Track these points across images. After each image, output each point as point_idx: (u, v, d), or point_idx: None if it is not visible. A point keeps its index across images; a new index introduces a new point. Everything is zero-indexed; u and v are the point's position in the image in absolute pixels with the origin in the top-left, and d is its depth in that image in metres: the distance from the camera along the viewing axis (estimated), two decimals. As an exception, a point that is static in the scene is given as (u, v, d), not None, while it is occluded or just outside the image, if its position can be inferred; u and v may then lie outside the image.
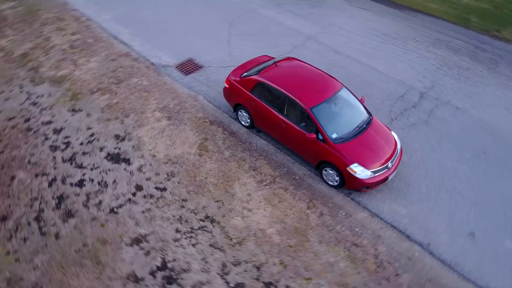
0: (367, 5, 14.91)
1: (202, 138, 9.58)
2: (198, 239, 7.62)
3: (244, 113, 9.66)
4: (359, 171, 8.01)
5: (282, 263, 7.36)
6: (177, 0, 14.57)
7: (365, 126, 8.62)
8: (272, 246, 7.60)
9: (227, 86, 9.77)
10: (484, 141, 9.77)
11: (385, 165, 8.21)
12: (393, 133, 8.89)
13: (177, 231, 7.74)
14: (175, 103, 10.49)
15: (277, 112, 8.85)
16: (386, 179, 8.30)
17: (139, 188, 8.44)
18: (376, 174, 8.11)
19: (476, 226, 8.03)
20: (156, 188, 8.46)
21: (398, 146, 8.64)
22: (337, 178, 8.42)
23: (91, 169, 8.71)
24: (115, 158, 8.99)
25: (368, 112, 8.96)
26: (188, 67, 11.74)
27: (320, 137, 8.28)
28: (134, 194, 8.31)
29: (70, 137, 9.41)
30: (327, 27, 13.61)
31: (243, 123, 9.91)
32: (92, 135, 9.48)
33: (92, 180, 8.50)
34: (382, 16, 14.23)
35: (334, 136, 8.28)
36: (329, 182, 8.65)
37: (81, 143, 9.26)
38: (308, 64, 9.58)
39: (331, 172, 8.42)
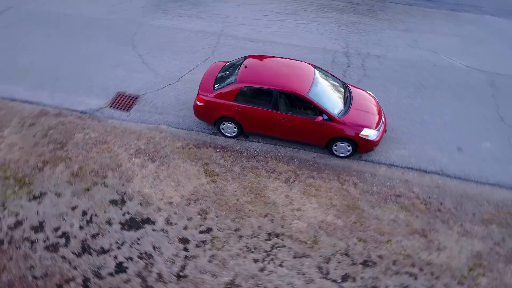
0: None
1: (202, 165, 8.93)
2: (279, 258, 7.36)
3: (229, 124, 9.32)
4: (370, 134, 8.75)
5: (361, 240, 7.72)
6: (52, 40, 12.49)
7: (348, 94, 9.33)
8: (342, 230, 7.86)
9: (201, 104, 9.20)
10: (414, 75, 11.59)
11: (382, 120, 9.14)
12: (368, 91, 9.84)
13: (255, 261, 7.31)
14: (144, 143, 9.40)
15: (272, 110, 8.84)
16: (385, 131, 9.26)
17: (185, 241, 7.55)
18: (380, 131, 8.98)
19: (457, 141, 9.68)
20: (201, 232, 7.70)
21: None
22: (349, 148, 9.01)
23: (118, 248, 7.36)
24: (133, 224, 7.75)
25: (341, 81, 9.68)
26: (123, 102, 10.50)
27: (325, 117, 8.67)
28: (186, 249, 7.41)
29: (61, 227, 7.65)
30: (227, 20, 13.67)
31: (228, 134, 9.56)
32: (84, 213, 7.89)
33: (131, 258, 7.22)
34: (283, 2, 14.89)
35: (336, 112, 8.78)
36: (341, 155, 9.18)
37: (81, 227, 7.65)
38: (271, 56, 9.69)
39: (342, 144, 8.96)
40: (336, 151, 9.13)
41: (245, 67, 9.11)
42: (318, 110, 8.65)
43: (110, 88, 10.85)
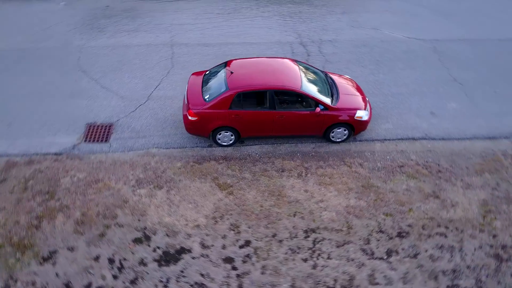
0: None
1: (212, 180, 8.66)
2: (325, 251, 7.49)
3: (226, 133, 9.13)
4: (363, 114, 9.21)
5: (387, 214, 8.16)
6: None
7: (331, 81, 9.68)
8: (367, 210, 8.22)
9: (194, 119, 8.85)
10: (368, 53, 12.35)
11: (366, 99, 9.66)
12: (344, 75, 10.29)
13: (305, 260, 7.35)
14: (141, 171, 8.82)
15: (269, 110, 8.84)
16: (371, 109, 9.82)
17: (229, 260, 7.30)
18: (368, 110, 9.50)
19: (427, 107, 10.58)
20: (241, 246, 7.51)
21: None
22: (345, 132, 9.39)
23: (165, 286, 6.88)
24: (169, 257, 7.27)
25: (320, 70, 10.00)
26: (98, 133, 9.70)
27: (321, 107, 8.92)
28: (234, 268, 7.18)
29: (92, 282, 6.91)
30: (172, 29, 13.22)
31: (225, 143, 9.36)
32: (111, 261, 7.20)
33: (183, 292, 6.81)
34: (196, 1, 14.62)
35: (329, 100, 9.08)
36: (338, 140, 9.53)
37: (115, 276, 6.98)
38: (251, 57, 9.66)
39: (339, 130, 9.30)
40: (333, 137, 9.43)
41: (231, 72, 8.95)
42: (314, 101, 8.84)
43: (77, 121, 9.92)
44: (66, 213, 7.89)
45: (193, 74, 9.71)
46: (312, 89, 8.95)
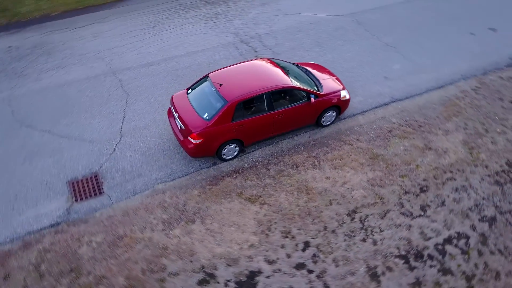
0: (87, 21, 13.66)
1: (237, 196, 8.43)
2: (374, 225, 7.94)
3: (230, 146, 8.90)
4: (346, 94, 9.81)
5: (402, 176, 8.93)
6: None
7: (305, 70, 10.05)
8: (386, 177, 8.88)
9: (199, 141, 8.42)
10: (306, 37, 12.98)
11: (339, 79, 10.29)
12: (311, 62, 10.74)
13: (364, 240, 7.72)
14: (162, 211, 8.16)
15: (268, 112, 8.85)
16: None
17: (301, 266, 7.30)
18: (346, 89, 10.14)
19: (379, 73, 11.67)
20: (303, 249, 7.54)
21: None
22: (333, 114, 9.89)
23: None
24: (244, 285, 6.98)
25: (291, 63, 10.28)
26: (86, 188, 8.63)
27: (312, 96, 9.26)
28: (310, 271, 7.21)
29: None
30: (104, 56, 12.13)
31: (230, 157, 9.13)
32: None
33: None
34: (111, 21, 13.63)
35: (317, 88, 9.45)
36: (328, 123, 9.99)
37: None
38: (229, 66, 9.46)
39: (329, 113, 9.76)
40: (324, 122, 9.85)
41: (220, 85, 8.69)
42: (305, 93, 9.10)
43: (53, 184, 8.64)
44: (108, 284, 6.94)
45: (173, 96, 9.13)
46: (300, 82, 9.19)
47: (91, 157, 9.11)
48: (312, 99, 9.05)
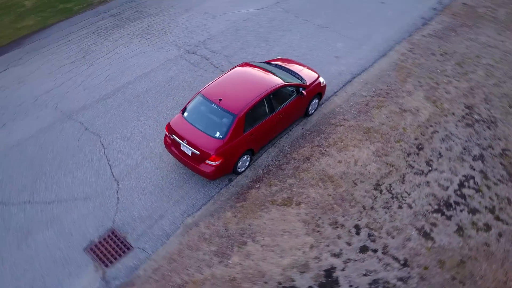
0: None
1: (272, 204, 8.37)
2: (401, 191, 8.62)
3: (243, 158, 8.74)
4: (323, 80, 10.28)
5: (398, 141, 9.76)
6: None
7: (281, 66, 10.23)
8: (386, 147, 9.61)
9: (219, 162, 8.12)
10: (249, 34, 13.05)
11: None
12: (277, 57, 10.93)
13: (400, 207, 8.34)
14: (207, 244, 7.73)
15: (270, 115, 8.87)
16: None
17: (364, 248, 7.63)
18: (318, 75, 10.61)
19: (329, 54, 12.36)
20: (357, 233, 7.89)
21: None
22: (316, 102, 10.30)
23: (356, 306, 6.81)
24: (327, 285, 7.09)
25: (263, 62, 10.36)
26: (110, 248, 7.73)
27: (302, 89, 9.52)
28: (374, 250, 7.60)
29: None
30: (46, 100, 10.71)
31: (243, 169, 8.98)
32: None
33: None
34: (29, 61, 12.02)
35: (301, 80, 9.74)
36: (313, 111, 10.37)
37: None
38: (217, 78, 9.18)
39: (313, 102, 10.13)
40: (310, 111, 10.20)
41: (220, 100, 8.42)
42: (295, 87, 9.32)
43: (68, 257, 7.57)
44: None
45: (169, 124, 8.56)
46: (287, 78, 9.36)
47: (97, 215, 8.11)
48: (304, 92, 9.28)
